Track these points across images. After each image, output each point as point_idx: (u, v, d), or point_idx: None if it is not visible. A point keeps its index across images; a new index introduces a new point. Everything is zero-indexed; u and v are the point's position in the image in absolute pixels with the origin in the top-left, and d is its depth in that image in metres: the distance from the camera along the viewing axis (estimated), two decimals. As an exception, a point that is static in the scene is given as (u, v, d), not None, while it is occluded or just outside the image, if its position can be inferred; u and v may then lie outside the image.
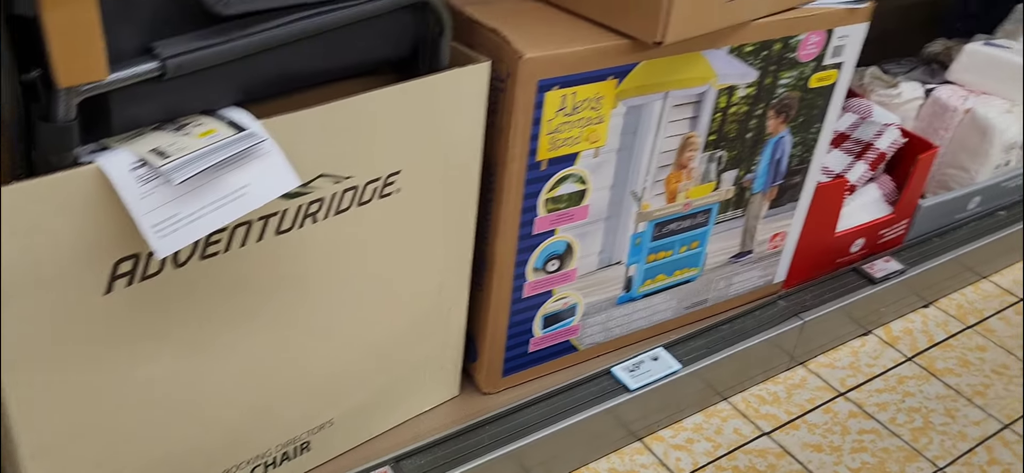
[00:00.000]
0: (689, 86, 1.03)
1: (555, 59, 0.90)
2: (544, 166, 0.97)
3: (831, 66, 1.15)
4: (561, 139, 0.96)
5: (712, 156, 1.12)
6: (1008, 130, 1.56)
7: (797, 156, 1.22)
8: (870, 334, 1.45)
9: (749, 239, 1.26)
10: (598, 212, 1.06)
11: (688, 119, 1.06)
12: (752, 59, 1.06)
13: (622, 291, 1.17)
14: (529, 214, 0.99)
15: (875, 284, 1.40)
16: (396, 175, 0.86)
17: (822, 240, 1.37)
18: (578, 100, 0.94)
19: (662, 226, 1.14)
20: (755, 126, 1.13)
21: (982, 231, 1.61)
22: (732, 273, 1.29)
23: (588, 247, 1.08)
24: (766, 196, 1.23)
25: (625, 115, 0.99)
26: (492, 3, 0.99)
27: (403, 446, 1.02)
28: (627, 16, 0.93)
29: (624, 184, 1.06)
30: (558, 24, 0.95)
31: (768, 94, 1.11)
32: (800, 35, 1.08)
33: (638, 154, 1.04)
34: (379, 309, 0.94)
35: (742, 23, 1.01)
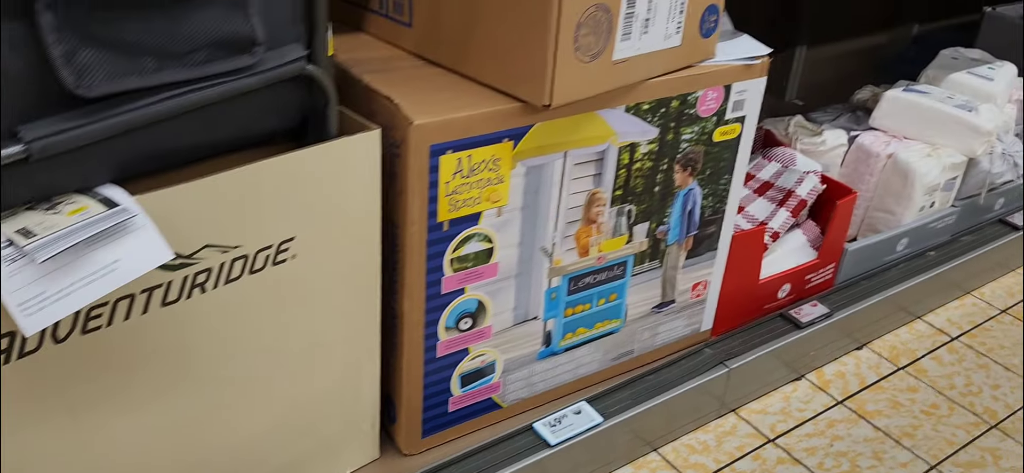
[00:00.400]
0: (588, 145, 1.06)
1: (446, 124, 0.93)
2: (446, 227, 0.99)
3: (733, 120, 1.19)
4: (461, 200, 0.98)
5: (621, 210, 1.15)
6: (929, 173, 1.61)
7: (710, 207, 1.25)
8: (802, 379, 1.47)
9: (670, 289, 1.29)
10: (508, 269, 1.08)
11: (591, 176, 1.09)
12: (651, 117, 1.10)
13: (542, 346, 1.19)
14: (435, 274, 1.01)
15: (801, 329, 1.42)
16: (290, 242, 0.88)
17: (746, 287, 1.40)
18: (474, 163, 0.97)
19: (577, 280, 1.16)
20: (662, 180, 1.17)
21: (912, 272, 1.64)
22: (656, 323, 1.31)
23: (501, 304, 1.10)
24: (682, 247, 1.26)
25: (525, 175, 1.02)
26: (393, 69, 1.03)
27: (318, 512, 1.02)
28: (517, 81, 0.96)
29: (532, 241, 1.08)
30: (453, 90, 0.99)
31: (672, 149, 1.15)
32: (697, 92, 1.12)
33: (543, 211, 1.07)
34: (285, 375, 0.96)
35: (635, 83, 1.05)
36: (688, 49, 1.09)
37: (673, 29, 1.05)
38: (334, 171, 0.88)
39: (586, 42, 0.94)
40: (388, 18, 1.09)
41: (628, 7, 0.97)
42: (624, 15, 0.97)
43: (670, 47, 1.06)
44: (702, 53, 1.12)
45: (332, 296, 0.95)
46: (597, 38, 0.95)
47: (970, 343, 1.60)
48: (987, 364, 1.54)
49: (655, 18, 1.01)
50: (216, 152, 0.83)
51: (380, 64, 1.04)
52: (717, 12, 1.10)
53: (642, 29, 1.00)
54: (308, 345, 0.96)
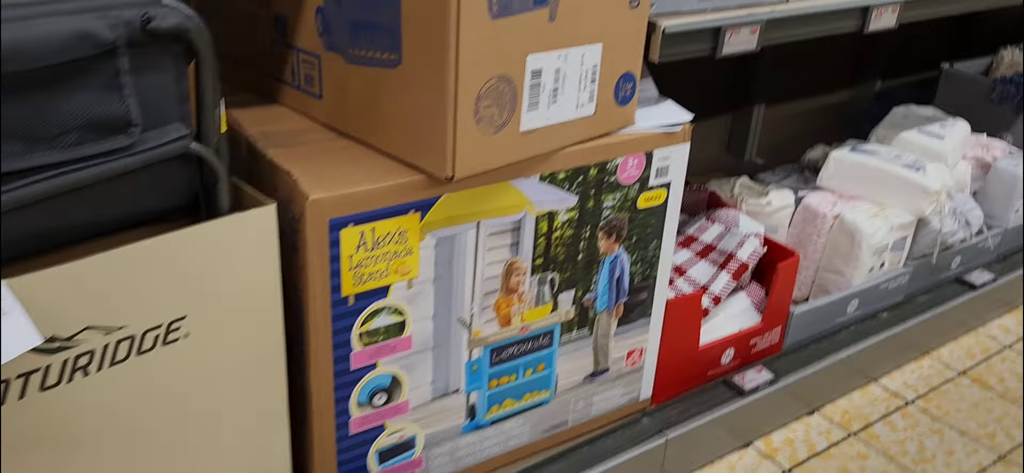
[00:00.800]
0: (503, 214, 1.05)
1: (346, 198, 0.92)
2: (351, 301, 0.97)
3: (657, 186, 1.18)
4: (366, 274, 0.97)
5: (543, 279, 1.13)
6: (876, 233, 1.59)
7: (639, 273, 1.23)
8: (749, 446, 1.44)
9: (602, 357, 1.26)
10: (424, 342, 1.06)
11: (508, 245, 1.08)
12: (568, 185, 1.09)
13: (466, 419, 1.16)
14: (343, 350, 0.99)
15: (744, 396, 1.40)
16: (181, 321, 0.86)
17: (686, 354, 1.37)
18: (379, 235, 0.95)
19: (500, 351, 1.14)
20: (585, 247, 1.15)
21: (864, 334, 1.61)
22: (590, 393, 1.28)
23: (418, 378, 1.08)
24: (612, 314, 1.24)
25: (436, 246, 1.01)
26: (301, 143, 1.02)
27: None
28: (420, 153, 0.96)
29: (448, 312, 1.06)
30: (358, 162, 0.98)
31: (594, 217, 1.14)
32: (617, 159, 1.11)
33: (459, 282, 1.05)
34: (188, 458, 0.93)
35: (548, 153, 1.04)
36: (604, 117, 1.09)
37: (585, 98, 1.05)
38: (227, 247, 0.87)
39: (489, 114, 0.94)
40: (300, 90, 1.09)
41: (533, 78, 0.97)
42: (529, 86, 0.97)
43: (583, 116, 1.06)
44: (620, 121, 1.12)
45: (233, 375, 0.93)
46: (501, 109, 0.95)
47: (925, 407, 1.57)
48: (941, 429, 1.51)
49: (564, 88, 1.01)
50: (105, 231, 0.82)
51: (289, 137, 1.04)
52: (633, 79, 1.10)
53: (550, 99, 1.00)
54: (211, 427, 0.94)
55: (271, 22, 1.10)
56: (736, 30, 1.19)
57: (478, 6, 0.87)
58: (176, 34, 0.77)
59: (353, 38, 0.99)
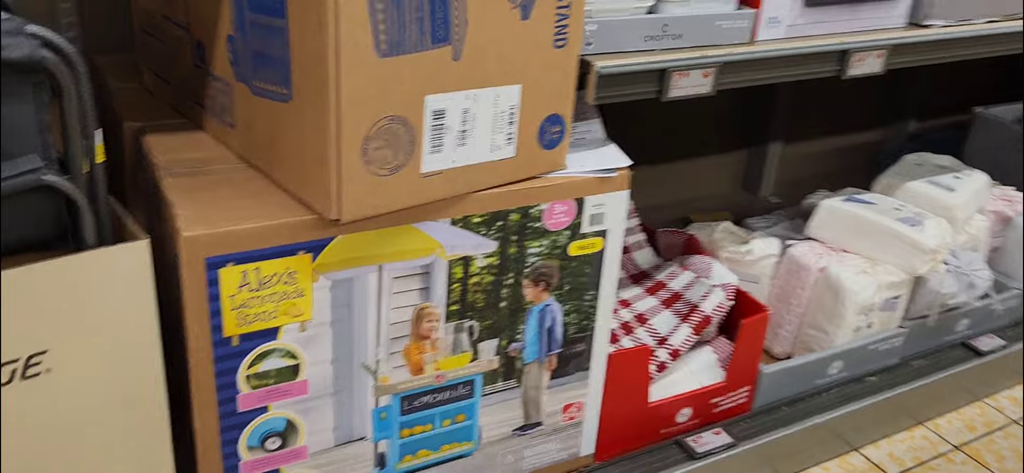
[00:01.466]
0: (408, 258, 1.00)
1: (225, 236, 0.88)
2: (235, 342, 0.93)
3: (592, 234, 1.11)
4: (251, 314, 0.93)
5: (459, 327, 1.08)
6: (863, 291, 1.48)
7: (574, 324, 1.16)
8: (702, 512, 1.35)
9: (534, 410, 1.20)
10: (322, 387, 1.01)
11: (417, 290, 1.03)
12: (485, 230, 1.03)
13: (375, 468, 1.11)
14: (229, 391, 0.96)
15: (696, 459, 1.31)
16: (42, 355, 0.83)
17: (632, 410, 1.29)
18: (264, 276, 0.91)
19: (412, 399, 1.09)
20: (508, 295, 1.09)
21: (846, 398, 1.50)
22: (521, 446, 1.21)
23: (317, 423, 1.03)
24: (544, 366, 1.17)
25: (331, 289, 0.96)
26: (206, 173, 0.99)
27: None
28: (310, 192, 0.91)
29: (350, 357, 1.02)
30: (254, 197, 0.94)
31: (517, 264, 1.07)
32: (541, 205, 1.05)
33: (360, 327, 1.00)
34: (55, 491, 0.90)
35: (459, 196, 0.98)
36: (526, 160, 1.03)
37: (502, 140, 0.99)
38: (94, 282, 0.84)
39: (380, 156, 0.89)
40: (218, 118, 1.06)
41: (435, 119, 0.91)
42: (430, 127, 0.91)
43: (501, 159, 1.00)
44: (546, 165, 1.05)
45: (108, 415, 0.90)
46: (395, 151, 0.90)
47: (907, 482, 1.45)
48: (919, 508, 1.39)
49: (474, 130, 0.95)
50: (-39, 260, 0.80)
51: (195, 166, 1.01)
52: (561, 122, 1.04)
53: (457, 141, 0.95)
54: (84, 465, 0.91)
55: (193, 47, 1.08)
56: (684, 73, 1.11)
57: (362, 42, 0.83)
58: (28, 65, 0.75)
59: (255, 69, 0.95)
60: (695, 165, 2.23)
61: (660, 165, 2.14)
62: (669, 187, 2.17)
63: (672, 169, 2.18)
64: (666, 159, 2.15)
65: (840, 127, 2.44)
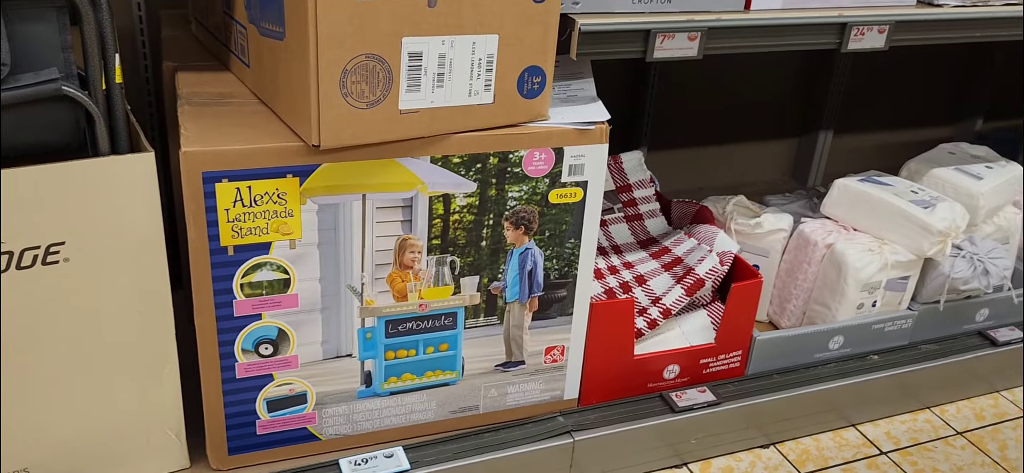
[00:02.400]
0: (390, 190, 1.09)
1: (219, 154, 0.99)
2: (231, 252, 1.05)
3: (572, 184, 1.18)
4: (245, 228, 1.04)
5: (441, 260, 1.16)
6: (866, 268, 1.49)
7: (555, 269, 1.23)
8: (684, 467, 1.39)
9: (516, 349, 1.27)
10: (311, 302, 1.12)
11: (400, 222, 1.12)
12: (464, 170, 1.11)
13: (362, 385, 1.21)
14: (225, 296, 1.07)
15: (677, 413, 1.35)
16: (60, 246, 0.97)
17: (617, 361, 1.35)
18: (256, 194, 1.03)
19: (396, 324, 1.18)
20: (489, 235, 1.17)
21: (843, 373, 1.51)
22: (504, 383, 1.29)
23: (306, 335, 1.14)
24: (526, 307, 1.24)
25: (318, 212, 1.07)
26: (220, 103, 1.11)
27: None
28: (297, 121, 1.02)
29: (337, 277, 1.12)
30: (253, 126, 1.05)
31: (497, 205, 1.15)
32: (520, 151, 1.13)
33: (346, 250, 1.11)
34: (68, 369, 1.04)
35: (436, 136, 1.07)
36: (505, 108, 1.10)
37: (480, 86, 1.07)
38: (107, 186, 0.97)
39: (358, 89, 0.98)
40: (239, 59, 1.18)
41: (411, 61, 1.00)
42: (407, 68, 1.00)
43: (479, 104, 1.08)
44: (526, 114, 1.13)
45: (119, 303, 1.03)
46: (372, 87, 0.99)
47: (900, 461, 1.45)
48: (905, 484, 1.40)
49: (451, 74, 1.04)
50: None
51: (212, 99, 1.13)
52: (541, 73, 1.11)
53: (435, 83, 1.03)
54: (98, 347, 1.04)
55: (221, -6, 1.20)
56: (669, 35, 1.16)
57: (341, -15, 0.92)
58: (52, -10, 0.88)
59: (261, 12, 1.06)
60: (745, 150, 2.25)
61: (710, 147, 2.17)
62: (717, 171, 2.20)
63: (722, 153, 2.20)
64: (716, 141, 2.17)
65: (900, 121, 2.40)
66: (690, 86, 2.02)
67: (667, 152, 2.08)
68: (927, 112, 2.42)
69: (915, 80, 2.34)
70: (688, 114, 2.06)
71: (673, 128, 2.05)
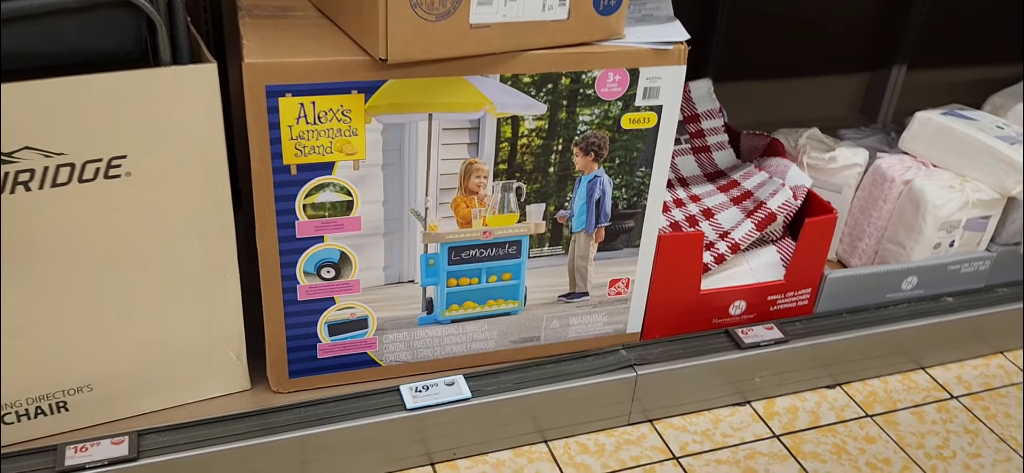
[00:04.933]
0: (457, 110, 1.04)
1: (283, 67, 0.95)
2: (294, 171, 1.02)
3: (646, 108, 1.12)
4: (308, 147, 1.00)
5: (507, 186, 1.12)
6: (945, 206, 1.41)
7: (624, 199, 1.18)
8: (747, 405, 1.35)
9: (580, 280, 1.23)
10: (373, 226, 1.09)
11: (466, 145, 1.07)
12: (534, 91, 1.06)
13: (423, 312, 1.18)
14: (288, 217, 1.04)
15: (741, 349, 1.31)
16: (122, 159, 0.94)
17: (683, 295, 1.31)
18: (320, 110, 0.99)
19: (459, 251, 1.15)
20: (557, 161, 1.12)
21: (916, 314, 1.45)
22: (567, 314, 1.26)
23: (368, 260, 1.11)
24: (592, 237, 1.20)
25: (383, 132, 1.02)
26: (282, 16, 1.07)
27: (158, 423, 1.08)
28: (363, 34, 0.97)
29: (400, 201, 1.08)
30: (317, 39, 1.01)
31: (567, 130, 1.10)
32: (594, 72, 1.07)
33: (410, 172, 1.07)
34: (131, 286, 1.02)
35: (507, 53, 1.02)
36: (579, 24, 1.04)
37: (554, 0, 1.01)
38: (168, 98, 0.93)
39: (427, 0, 0.93)
40: (296, -31, 1.14)
41: (485, -30, 0.95)
42: (480, -22, 0.95)
43: (553, 19, 1.02)
44: (602, 31, 1.07)
45: (181, 221, 1.01)
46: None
47: (970, 405, 1.40)
48: (978, 430, 1.34)
49: (525, -14, 0.98)
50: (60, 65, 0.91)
51: (275, 11, 1.08)
52: (618, -11, 1.05)
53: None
54: (157, 262, 1.02)
55: (279, -100, 1.15)
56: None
57: None
58: None
59: (325, -84, 1.01)
60: (812, 85, 2.15)
61: (773, 80, 2.08)
62: (783, 106, 2.11)
63: (787, 87, 2.11)
64: (782, 75, 2.08)
65: (980, 56, 2.28)
66: (760, 15, 1.92)
67: (732, 84, 1.99)
68: (1008, 49, 2.29)
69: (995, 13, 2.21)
70: (757, 45, 1.96)
71: (741, 59, 1.96)
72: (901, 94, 2.20)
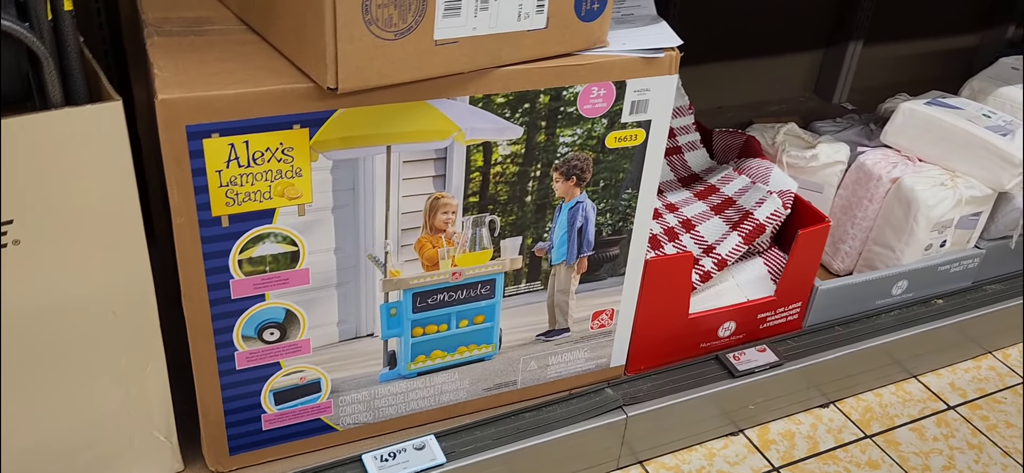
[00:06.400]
0: (420, 140, 0.88)
1: (207, 102, 0.77)
2: (225, 223, 0.84)
3: (633, 124, 0.98)
4: (243, 193, 0.83)
5: (479, 220, 0.97)
6: (938, 205, 1.32)
7: (609, 225, 1.04)
8: (740, 434, 1.24)
9: (561, 316, 1.09)
10: (324, 277, 0.92)
11: (431, 178, 0.92)
12: (509, 112, 0.91)
13: (385, 367, 1.02)
14: (220, 276, 0.87)
15: (736, 377, 1.20)
16: (7, 225, 0.75)
17: (670, 322, 1.18)
18: (255, 150, 0.81)
19: (425, 296, 0.99)
20: (536, 189, 0.97)
21: (908, 321, 1.36)
22: (546, 354, 1.12)
23: (320, 316, 0.94)
24: (573, 268, 1.06)
25: (333, 169, 0.86)
26: (197, 34, 0.88)
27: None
28: (307, 58, 0.80)
29: (355, 247, 0.92)
30: (246, 62, 0.83)
31: (546, 153, 0.95)
32: (576, 87, 0.92)
33: (366, 214, 0.90)
34: (35, 367, 0.84)
35: (479, 71, 0.86)
36: (559, 34, 0.89)
37: (532, 7, 0.85)
38: (63, 144, 0.75)
39: (384, 15, 0.76)
40: (216, -27, 0.95)
41: (451, -24, 0.79)
42: (445, -15, 0.79)
43: (529, 29, 0.87)
44: (584, 40, 0.92)
45: (88, 292, 0.82)
46: (402, 11, 0.77)
47: (969, 415, 1.32)
48: (981, 444, 1.27)
49: (498, -8, 0.82)
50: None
51: (188, 25, 0.90)
52: (602, -10, 0.90)
53: (478, 4, 0.81)
54: (68, 343, 0.84)
55: None
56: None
57: None
58: None
59: (250, -89, 0.83)
60: (763, 65, 2.04)
61: (724, 62, 1.96)
62: (733, 88, 1.99)
63: (737, 68, 1.99)
64: (731, 57, 1.97)
65: (930, 29, 2.21)
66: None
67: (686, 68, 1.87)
68: (959, 18, 2.23)
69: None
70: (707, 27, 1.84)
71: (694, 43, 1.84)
72: (856, 72, 2.12)
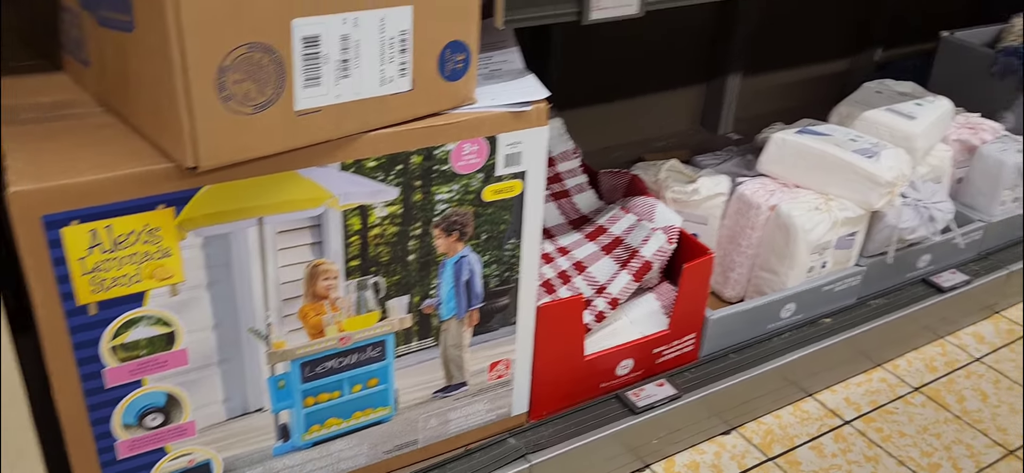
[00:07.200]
0: (292, 209, 0.88)
1: (63, 190, 0.76)
2: (93, 310, 0.82)
3: (509, 176, 1.00)
4: (109, 279, 0.81)
5: (363, 283, 0.97)
6: (815, 229, 1.39)
7: (496, 276, 1.06)
8: (647, 470, 1.26)
9: (456, 370, 1.10)
10: (204, 356, 0.90)
11: (309, 245, 0.92)
12: (383, 175, 0.92)
13: (278, 441, 1.01)
14: (92, 366, 0.84)
15: (637, 414, 1.22)
16: None
17: (567, 365, 1.20)
18: (118, 234, 0.80)
19: (314, 365, 0.98)
20: (417, 247, 0.98)
21: (799, 342, 1.42)
22: (445, 409, 1.12)
23: (204, 396, 0.92)
24: (464, 322, 1.07)
25: (203, 246, 0.85)
26: (55, 119, 0.86)
27: None
28: (165, 137, 0.79)
29: (235, 322, 0.91)
30: (104, 145, 0.81)
31: (424, 212, 0.96)
32: (447, 145, 0.94)
33: (243, 288, 0.89)
34: None
35: (346, 137, 0.87)
36: (425, 95, 0.91)
37: (394, 71, 0.87)
38: (-93, 249, 0.72)
39: (241, 90, 0.77)
40: (74, 58, 0.94)
41: (307, 48, 0.79)
42: (302, 57, 0.79)
43: (395, 93, 0.88)
44: (451, 99, 0.94)
45: (-55, 394, 0.79)
46: (260, 85, 0.78)
47: (864, 429, 1.37)
48: (877, 456, 1.31)
49: (358, 59, 0.83)
50: None
51: (45, 112, 0.88)
52: (465, 50, 0.92)
53: (339, 73, 0.83)
54: (-77, 451, 0.80)
55: (45, -24, 0.95)
56: (607, -9, 1.00)
57: (207, -43, 0.70)
58: None
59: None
60: (650, 102, 2.11)
61: (611, 103, 2.02)
62: (622, 127, 2.06)
63: (624, 107, 2.05)
64: (619, 97, 2.03)
65: (804, 58, 2.33)
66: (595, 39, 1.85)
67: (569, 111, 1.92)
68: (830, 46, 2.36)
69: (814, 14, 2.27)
70: (590, 69, 1.90)
71: (578, 85, 1.89)
72: (739, 102, 2.22)
